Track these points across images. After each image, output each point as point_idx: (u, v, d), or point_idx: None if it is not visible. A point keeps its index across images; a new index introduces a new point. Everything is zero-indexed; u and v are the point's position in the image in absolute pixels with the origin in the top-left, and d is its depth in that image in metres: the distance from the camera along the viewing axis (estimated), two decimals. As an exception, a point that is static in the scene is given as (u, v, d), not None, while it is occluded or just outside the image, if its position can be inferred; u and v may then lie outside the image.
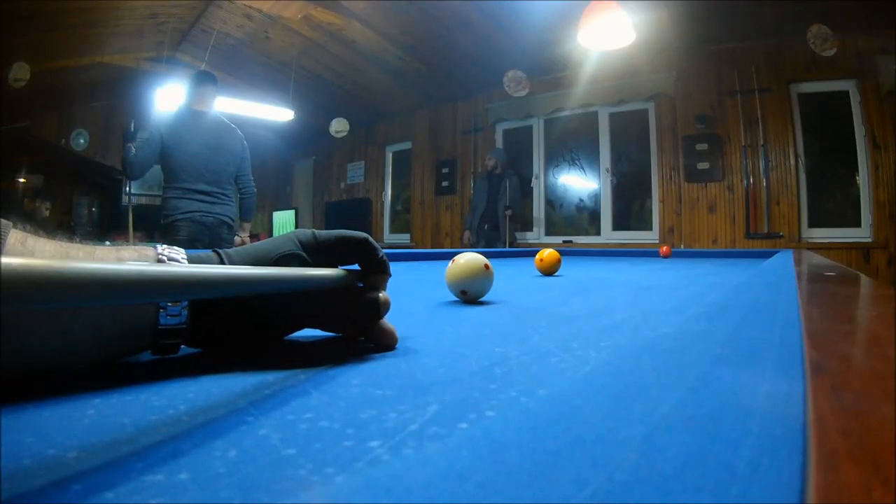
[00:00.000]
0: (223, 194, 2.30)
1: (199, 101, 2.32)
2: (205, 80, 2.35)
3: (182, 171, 2.20)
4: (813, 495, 0.10)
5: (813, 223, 3.76)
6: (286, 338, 0.41)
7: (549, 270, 1.25)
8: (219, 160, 2.27)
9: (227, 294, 0.25)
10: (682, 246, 4.07)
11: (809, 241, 3.67)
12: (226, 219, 2.30)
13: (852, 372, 0.21)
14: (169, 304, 0.31)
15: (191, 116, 2.27)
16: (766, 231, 3.78)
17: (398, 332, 0.40)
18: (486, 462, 0.12)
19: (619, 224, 4.62)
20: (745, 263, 1.93)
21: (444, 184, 5.66)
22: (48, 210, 4.32)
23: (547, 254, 1.27)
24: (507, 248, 3.74)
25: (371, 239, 0.40)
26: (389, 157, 6.31)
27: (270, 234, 5.78)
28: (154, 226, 5.67)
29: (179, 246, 0.34)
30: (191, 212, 2.20)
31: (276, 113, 4.94)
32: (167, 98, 4.20)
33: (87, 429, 0.21)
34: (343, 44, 4.63)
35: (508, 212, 4.38)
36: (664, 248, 2.66)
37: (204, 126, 2.27)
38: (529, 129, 5.14)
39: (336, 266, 0.39)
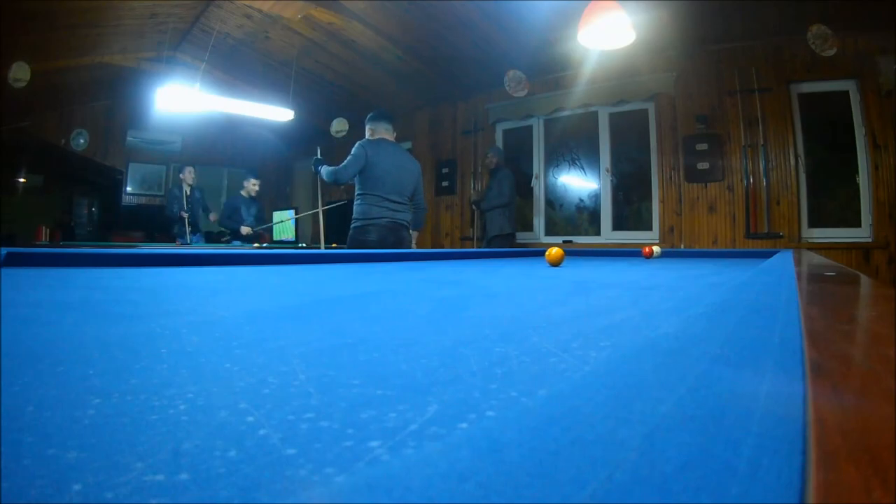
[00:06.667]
0: (404, 204, 2.89)
1: (377, 133, 2.89)
2: (375, 117, 2.92)
3: (378, 183, 2.77)
4: (813, 495, 0.10)
5: (813, 223, 3.76)
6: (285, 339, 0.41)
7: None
8: (403, 176, 2.87)
9: None
10: (682, 246, 4.07)
11: (809, 241, 3.67)
12: (405, 223, 2.89)
13: (852, 372, 0.21)
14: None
15: (385, 144, 2.87)
16: (766, 231, 3.78)
17: (399, 332, 0.40)
18: (486, 462, 0.12)
19: (619, 224, 4.61)
20: (745, 263, 1.93)
21: (444, 184, 5.66)
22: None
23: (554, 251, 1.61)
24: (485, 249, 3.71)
25: None
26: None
27: (271, 233, 5.77)
28: (154, 226, 5.69)
29: (368, 247, 0.36)
30: (380, 217, 2.76)
31: (276, 113, 4.93)
32: (167, 98, 4.20)
33: (87, 429, 0.21)
34: (343, 44, 4.63)
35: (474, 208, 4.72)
36: (647, 249, 2.65)
37: (395, 152, 2.90)
38: (529, 129, 5.14)
39: None
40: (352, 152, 2.80)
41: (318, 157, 3.11)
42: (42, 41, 4.11)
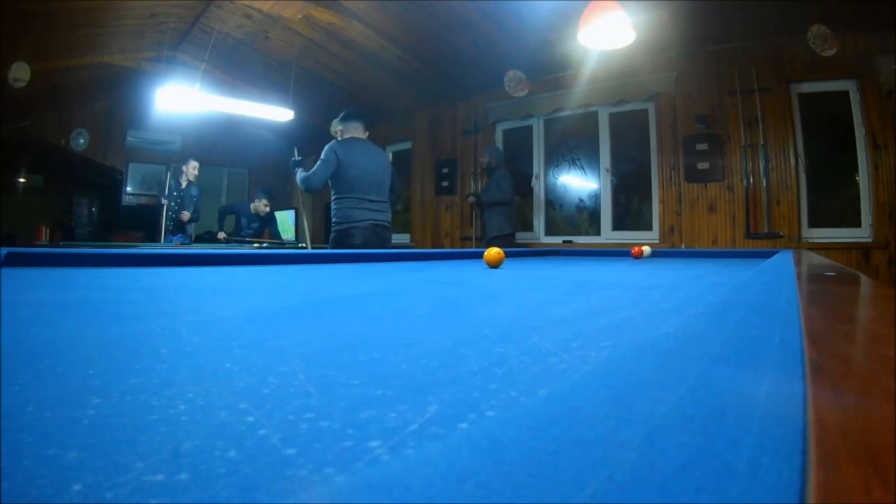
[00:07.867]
0: (384, 202, 2.84)
1: (348, 132, 2.85)
2: (346, 117, 2.91)
3: (356, 184, 2.70)
4: (813, 495, 0.10)
5: (813, 223, 3.76)
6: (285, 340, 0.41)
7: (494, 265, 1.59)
8: (380, 174, 2.82)
9: None
10: (682, 246, 4.07)
11: (809, 241, 3.67)
12: (387, 224, 2.84)
13: (852, 372, 0.21)
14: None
15: (356, 142, 2.81)
16: (766, 231, 3.78)
17: (399, 332, 0.40)
18: (486, 462, 0.12)
19: (619, 224, 4.61)
20: (745, 263, 1.93)
21: (444, 184, 5.66)
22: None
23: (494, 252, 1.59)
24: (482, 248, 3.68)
25: None
26: (389, 157, 6.31)
27: (271, 235, 5.76)
28: (153, 226, 5.68)
29: (354, 248, 0.36)
30: (362, 220, 2.70)
31: (276, 113, 4.93)
32: (167, 98, 4.20)
33: (87, 429, 0.21)
34: (343, 44, 4.62)
35: (470, 198, 4.75)
36: (636, 249, 2.65)
37: (367, 150, 2.83)
38: (529, 129, 5.14)
39: None
40: (321, 157, 2.69)
41: (296, 157, 2.97)
42: (42, 41, 4.11)
